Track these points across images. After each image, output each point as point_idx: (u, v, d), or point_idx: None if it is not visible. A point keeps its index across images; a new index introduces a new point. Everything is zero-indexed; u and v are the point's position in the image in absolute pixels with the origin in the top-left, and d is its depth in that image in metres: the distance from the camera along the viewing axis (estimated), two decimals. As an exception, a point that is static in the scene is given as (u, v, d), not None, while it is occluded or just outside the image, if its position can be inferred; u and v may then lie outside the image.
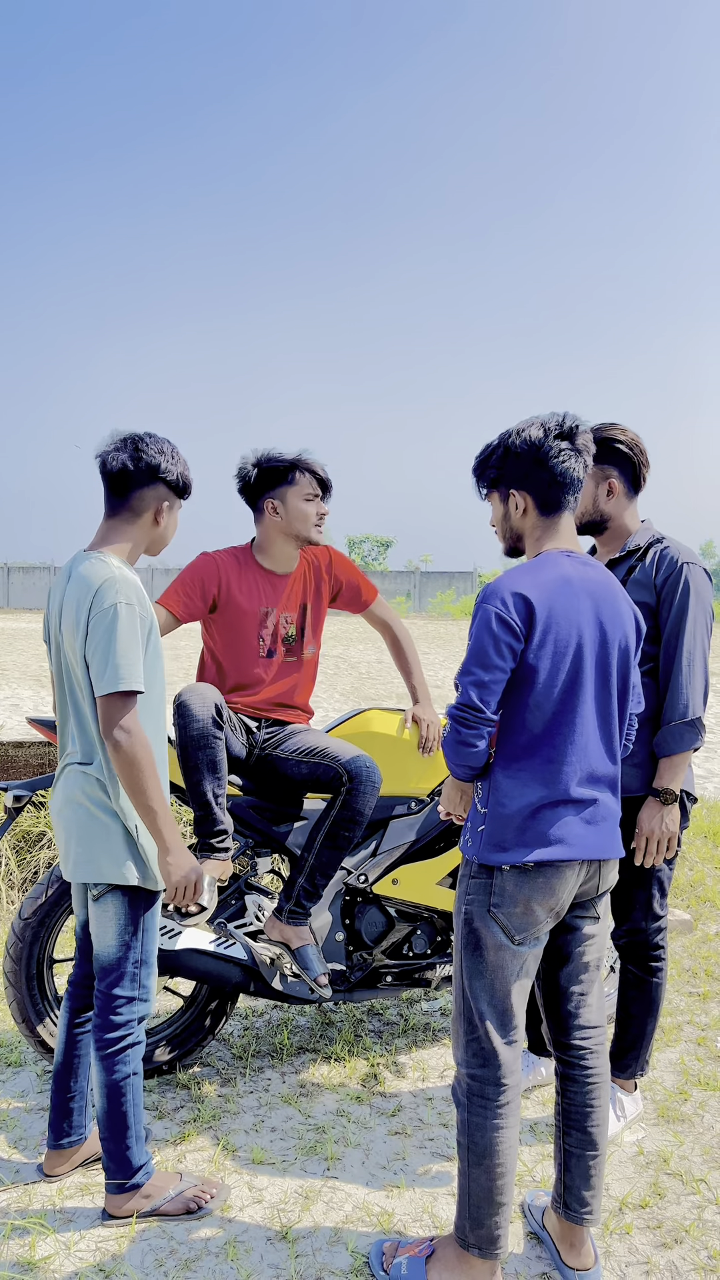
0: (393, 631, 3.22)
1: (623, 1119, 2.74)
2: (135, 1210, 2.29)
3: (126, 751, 2.13)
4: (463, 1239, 2.04)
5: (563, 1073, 2.17)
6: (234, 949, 2.89)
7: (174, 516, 2.41)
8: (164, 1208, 2.30)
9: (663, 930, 2.70)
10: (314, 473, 2.95)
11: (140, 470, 2.31)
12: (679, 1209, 2.40)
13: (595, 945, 2.15)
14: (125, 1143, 2.29)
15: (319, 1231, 2.29)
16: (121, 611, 2.16)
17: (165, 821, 2.17)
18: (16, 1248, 2.20)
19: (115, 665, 2.14)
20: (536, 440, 2.09)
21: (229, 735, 2.78)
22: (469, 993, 2.05)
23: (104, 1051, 2.28)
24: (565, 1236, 2.15)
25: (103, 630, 2.16)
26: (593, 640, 2.02)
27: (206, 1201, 2.34)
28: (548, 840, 1.98)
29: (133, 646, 2.16)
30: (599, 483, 2.67)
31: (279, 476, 2.93)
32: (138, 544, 2.36)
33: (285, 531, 2.95)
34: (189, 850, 2.20)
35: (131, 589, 2.20)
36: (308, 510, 2.93)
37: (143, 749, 2.14)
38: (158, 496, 2.34)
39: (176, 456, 2.36)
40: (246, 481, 2.98)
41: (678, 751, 2.54)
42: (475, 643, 1.98)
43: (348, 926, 3.04)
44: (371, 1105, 2.86)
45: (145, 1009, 2.32)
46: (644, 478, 2.71)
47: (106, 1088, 2.27)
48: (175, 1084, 2.94)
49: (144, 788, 2.15)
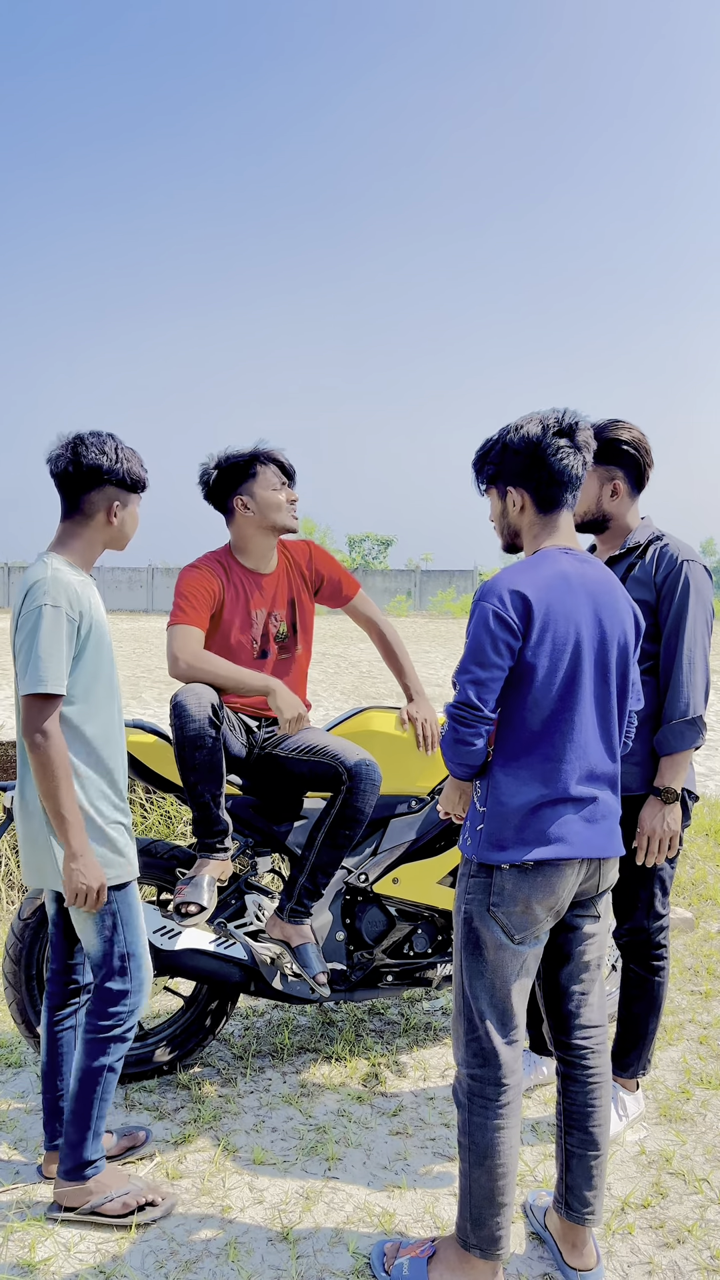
0: (378, 628, 3.18)
1: (625, 1118, 2.73)
2: (76, 1204, 2.29)
3: (41, 754, 2.13)
4: (464, 1240, 2.04)
5: (564, 1072, 2.16)
6: (234, 949, 2.89)
7: (130, 512, 2.38)
8: (104, 1207, 2.29)
9: (665, 929, 2.69)
10: (276, 461, 2.92)
11: (83, 473, 2.28)
12: (681, 1209, 2.39)
13: (596, 944, 2.14)
14: (83, 1134, 2.29)
15: (320, 1232, 2.29)
16: (46, 613, 2.15)
17: (74, 828, 2.17)
18: (16, 1249, 2.20)
19: (35, 667, 2.14)
20: (535, 437, 2.07)
21: (227, 734, 2.76)
22: (469, 992, 2.04)
23: (89, 1036, 2.29)
24: (567, 1237, 2.14)
25: (26, 631, 2.17)
26: (591, 637, 2.01)
27: (150, 1207, 2.31)
28: (547, 839, 1.97)
29: (55, 648, 2.15)
30: (603, 483, 2.65)
31: (241, 473, 2.90)
32: (92, 544, 2.34)
33: (260, 525, 2.90)
34: (96, 861, 2.21)
35: (62, 590, 2.18)
36: (278, 498, 2.89)
37: (58, 754, 2.14)
38: (107, 498, 2.31)
39: (120, 453, 2.31)
40: (209, 485, 2.94)
41: (679, 750, 2.53)
42: (473, 641, 1.97)
43: (348, 926, 3.03)
44: (373, 1105, 2.85)
45: (136, 1001, 2.32)
46: (648, 476, 2.70)
47: (81, 1072, 2.29)
48: (176, 1084, 2.93)
49: (55, 791, 2.15)
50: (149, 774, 2.92)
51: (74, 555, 2.31)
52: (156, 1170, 2.51)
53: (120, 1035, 2.30)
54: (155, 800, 4.97)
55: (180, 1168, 2.53)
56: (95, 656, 2.27)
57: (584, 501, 2.66)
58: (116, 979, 2.29)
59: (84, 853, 2.19)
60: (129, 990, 2.30)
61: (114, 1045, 2.29)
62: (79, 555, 2.31)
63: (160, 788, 2.95)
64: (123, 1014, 2.30)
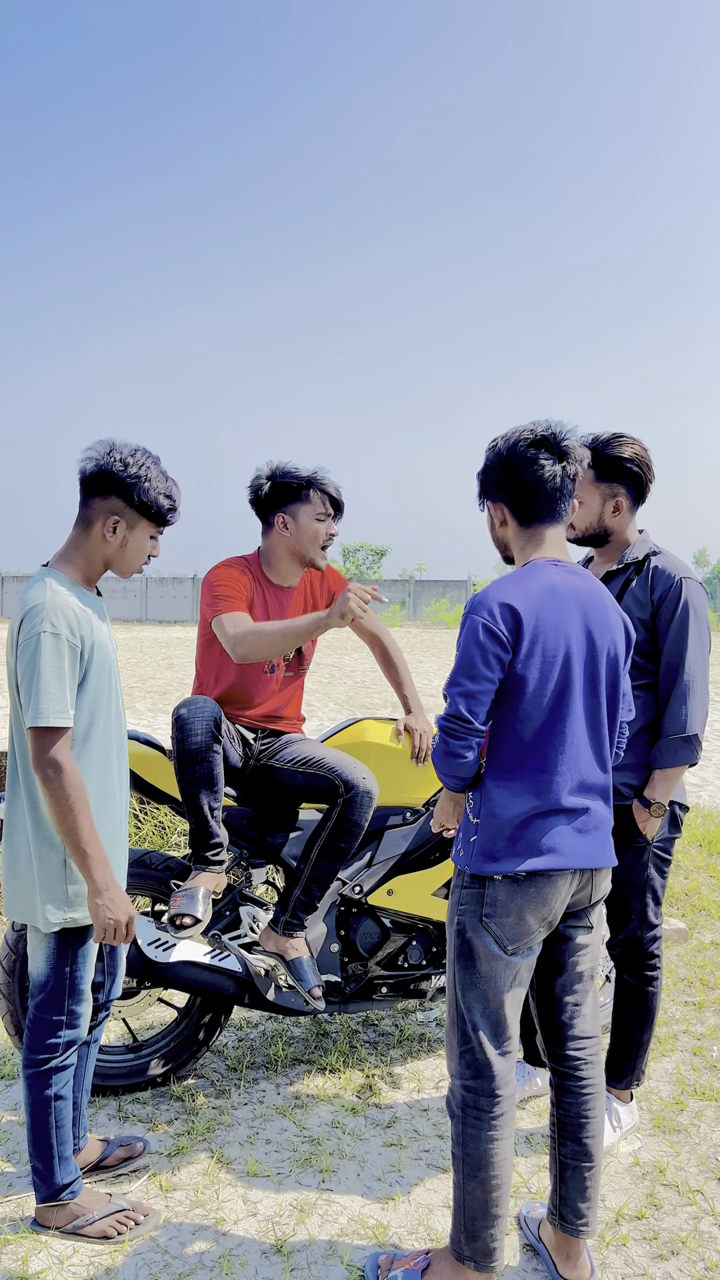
0: (382, 643, 3.20)
1: (618, 1129, 2.73)
2: (58, 1224, 2.27)
3: (55, 788, 2.05)
4: (458, 1251, 2.04)
5: (558, 1083, 2.17)
6: (228, 960, 2.89)
7: (135, 537, 2.22)
8: (85, 1230, 2.27)
9: (658, 939, 2.70)
10: (327, 493, 2.94)
11: (95, 477, 2.17)
12: (675, 1220, 2.40)
13: (589, 955, 2.15)
14: (49, 1163, 2.26)
15: (314, 1244, 2.28)
16: (45, 642, 2.06)
17: (96, 863, 2.09)
18: (10, 1261, 2.19)
19: (37, 699, 2.04)
20: (506, 450, 2.06)
21: (227, 747, 2.77)
22: (462, 1004, 2.05)
23: (28, 1071, 2.24)
24: (561, 1248, 2.14)
25: (26, 660, 2.07)
26: (581, 649, 2.01)
27: (131, 1228, 2.29)
28: (540, 850, 1.98)
29: (57, 678, 2.06)
30: (605, 500, 2.66)
31: (293, 493, 2.92)
32: (92, 560, 2.21)
33: (292, 549, 2.93)
34: (122, 894, 2.14)
35: (62, 615, 2.08)
36: (318, 530, 2.91)
37: (73, 786, 2.06)
38: (109, 509, 2.18)
39: (145, 471, 2.17)
40: (258, 494, 2.95)
41: (673, 766, 2.55)
42: (463, 654, 1.97)
43: (343, 937, 3.03)
44: (367, 1117, 2.85)
45: (73, 1035, 2.25)
46: (649, 490, 2.72)
47: (30, 1106, 2.25)
48: (169, 1096, 2.93)
49: (74, 827, 2.06)
50: (144, 786, 2.92)
51: (75, 571, 2.20)
52: (150, 1183, 2.51)
53: (60, 1065, 2.23)
54: (149, 811, 4.96)
55: (174, 1180, 2.52)
56: (98, 686, 2.18)
57: (586, 517, 2.68)
58: (53, 1008, 2.21)
59: (109, 887, 2.11)
60: (63, 1022, 2.23)
61: (55, 1077, 2.24)
62: (80, 571, 2.21)
63: (155, 799, 2.95)
64: (59, 1044, 2.22)
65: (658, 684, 2.60)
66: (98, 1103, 2.87)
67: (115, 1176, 2.51)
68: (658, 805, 2.55)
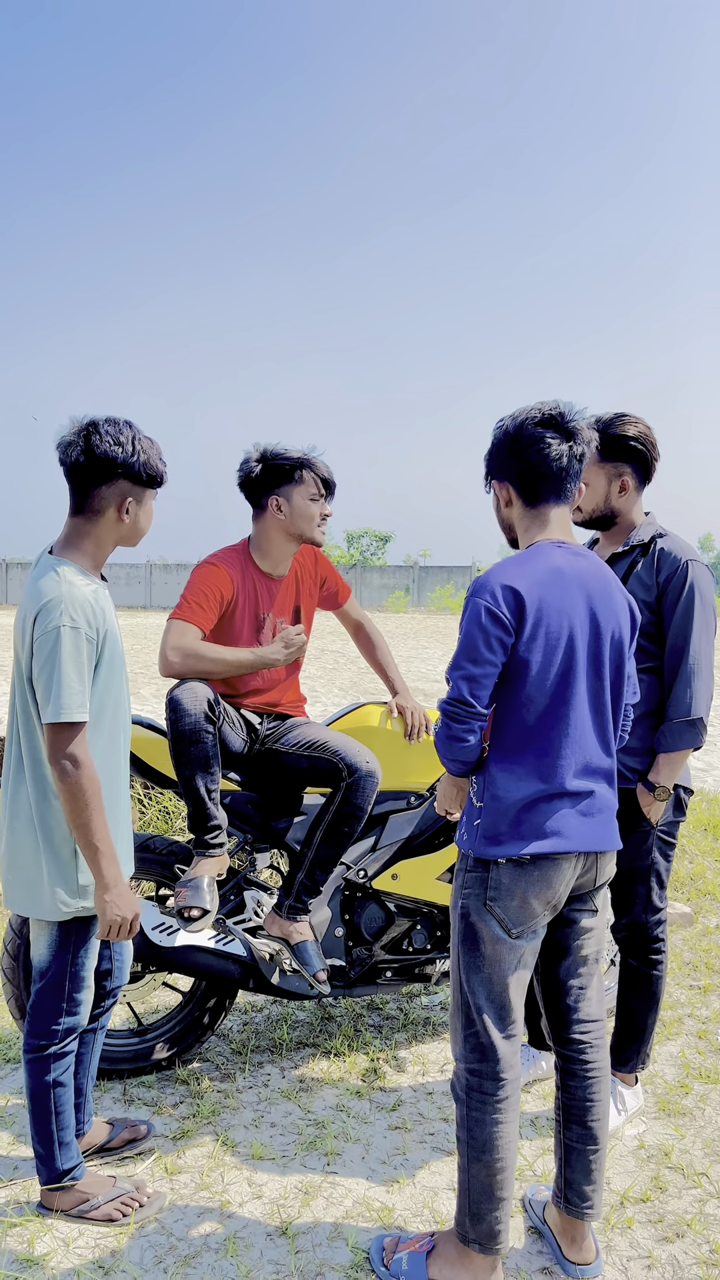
0: (365, 629, 3.23)
1: (623, 1113, 2.73)
2: (63, 1209, 2.28)
3: (71, 783, 2.04)
4: (463, 1234, 2.04)
5: (562, 1067, 2.16)
6: (233, 945, 2.89)
7: (145, 508, 2.22)
8: (90, 1213, 2.28)
9: (663, 923, 2.69)
10: (319, 473, 2.91)
11: (96, 465, 2.12)
12: (680, 1203, 2.40)
13: (594, 938, 2.14)
14: (49, 1149, 2.26)
15: (319, 1227, 2.29)
16: (65, 636, 2.03)
17: (106, 859, 2.09)
18: (16, 1244, 2.20)
19: (57, 695, 2.02)
20: (511, 430, 2.04)
21: (226, 730, 2.76)
22: (466, 987, 2.04)
23: (28, 1055, 2.24)
24: (566, 1231, 2.15)
25: (45, 655, 2.04)
26: (585, 631, 1.99)
27: (135, 1210, 2.29)
28: (544, 833, 1.97)
29: (77, 673, 2.05)
30: (611, 480, 2.64)
31: (285, 474, 2.88)
32: (102, 544, 2.19)
33: (287, 530, 2.90)
34: (129, 891, 2.14)
35: (80, 608, 2.07)
36: (312, 510, 2.88)
37: (89, 781, 2.05)
38: (119, 493, 2.15)
39: (138, 445, 2.15)
40: (249, 477, 2.91)
41: (677, 749, 2.54)
42: (465, 637, 1.95)
43: (347, 922, 3.03)
44: (371, 1100, 2.85)
45: (73, 1022, 2.25)
46: (654, 470, 2.69)
47: (30, 1091, 2.25)
48: (174, 1080, 2.93)
49: (88, 822, 2.06)
50: (147, 770, 2.92)
51: (84, 558, 2.17)
52: (155, 1166, 2.51)
53: (59, 1052, 2.24)
54: (154, 795, 4.96)
55: (179, 1162, 2.53)
56: (110, 678, 2.17)
57: (593, 499, 2.65)
58: (54, 995, 2.21)
59: (116, 883, 2.10)
60: (64, 1009, 2.23)
61: (55, 1063, 2.24)
62: (89, 557, 2.18)
63: (159, 784, 2.95)
64: (59, 1030, 2.23)
65: (662, 667, 2.58)
66: (103, 1086, 2.88)
67: (120, 1159, 2.52)
68: (662, 789, 2.54)
